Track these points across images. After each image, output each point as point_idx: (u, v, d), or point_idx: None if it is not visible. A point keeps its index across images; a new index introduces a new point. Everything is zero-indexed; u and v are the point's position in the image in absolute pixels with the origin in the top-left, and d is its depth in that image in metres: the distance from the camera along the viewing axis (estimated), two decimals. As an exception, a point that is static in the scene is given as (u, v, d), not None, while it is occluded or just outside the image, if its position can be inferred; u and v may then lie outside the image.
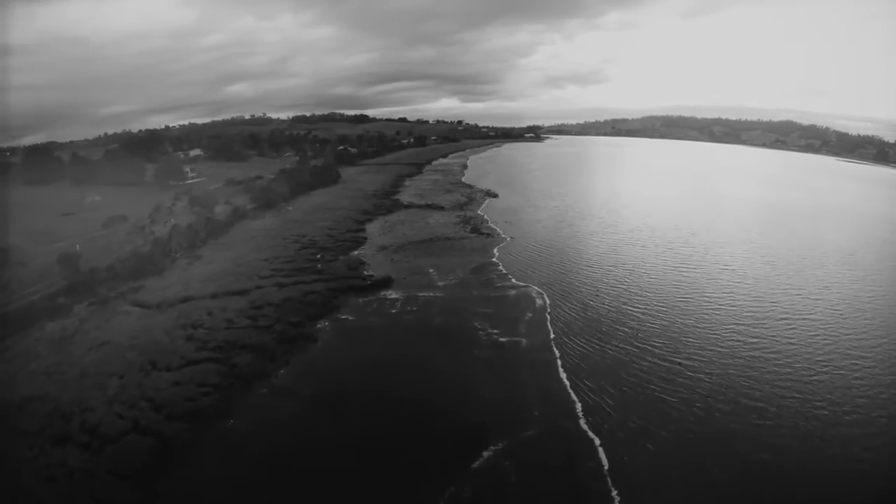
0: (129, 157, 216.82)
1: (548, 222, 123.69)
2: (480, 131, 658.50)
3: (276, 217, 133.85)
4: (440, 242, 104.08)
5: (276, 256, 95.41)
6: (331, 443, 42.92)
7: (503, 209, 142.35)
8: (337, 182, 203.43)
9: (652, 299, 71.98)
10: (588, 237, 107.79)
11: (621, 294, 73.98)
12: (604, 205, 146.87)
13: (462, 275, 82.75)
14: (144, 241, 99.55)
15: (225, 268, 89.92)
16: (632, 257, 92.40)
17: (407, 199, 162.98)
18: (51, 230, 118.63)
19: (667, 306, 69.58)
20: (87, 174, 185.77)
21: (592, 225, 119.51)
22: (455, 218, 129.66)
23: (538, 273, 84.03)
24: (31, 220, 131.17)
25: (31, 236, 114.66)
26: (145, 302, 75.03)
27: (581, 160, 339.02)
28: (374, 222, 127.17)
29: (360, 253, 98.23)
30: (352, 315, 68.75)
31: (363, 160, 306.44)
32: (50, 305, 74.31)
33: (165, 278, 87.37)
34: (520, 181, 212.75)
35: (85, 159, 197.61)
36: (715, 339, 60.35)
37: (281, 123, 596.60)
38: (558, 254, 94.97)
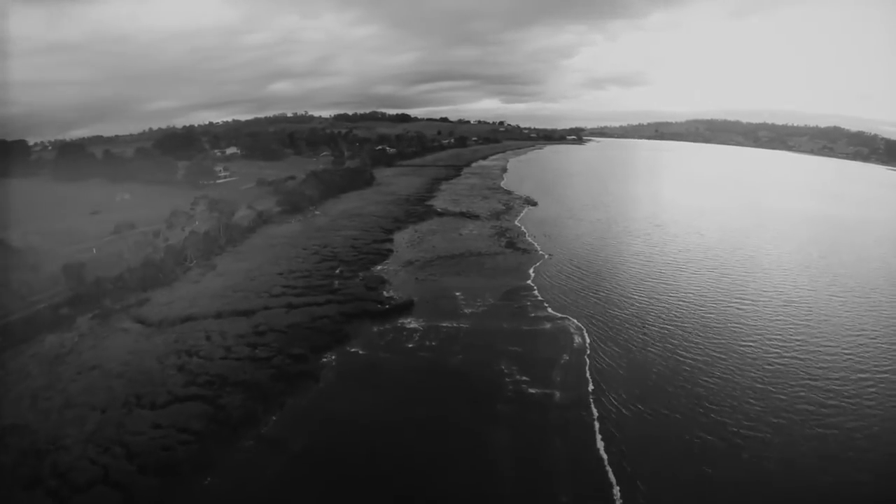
0: (161, 155, 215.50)
1: (589, 238, 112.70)
2: (522, 133, 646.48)
3: (301, 223, 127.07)
4: (472, 258, 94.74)
5: (292, 270, 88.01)
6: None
7: (542, 220, 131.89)
8: (370, 184, 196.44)
9: (709, 343, 60.63)
10: (633, 259, 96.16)
11: (672, 335, 62.77)
12: (650, 219, 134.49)
13: (492, 300, 73.15)
14: (155, 249, 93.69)
15: (236, 282, 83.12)
16: (683, 286, 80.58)
17: (441, 205, 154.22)
18: (74, 230, 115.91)
19: (726, 353, 58.33)
20: (120, 172, 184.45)
21: (638, 243, 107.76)
22: (490, 229, 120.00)
23: (577, 302, 73.65)
24: (57, 219, 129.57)
25: (52, 236, 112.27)
26: (147, 318, 69.56)
27: (624, 166, 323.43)
28: (404, 231, 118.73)
29: (382, 268, 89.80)
30: (362, 348, 60.22)
31: (401, 161, 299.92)
32: (53, 316, 70.62)
33: (174, 290, 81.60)
34: (560, 188, 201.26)
35: (118, 157, 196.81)
36: (803, 407, 49.06)
37: (322, 122, 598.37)
38: (600, 278, 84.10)
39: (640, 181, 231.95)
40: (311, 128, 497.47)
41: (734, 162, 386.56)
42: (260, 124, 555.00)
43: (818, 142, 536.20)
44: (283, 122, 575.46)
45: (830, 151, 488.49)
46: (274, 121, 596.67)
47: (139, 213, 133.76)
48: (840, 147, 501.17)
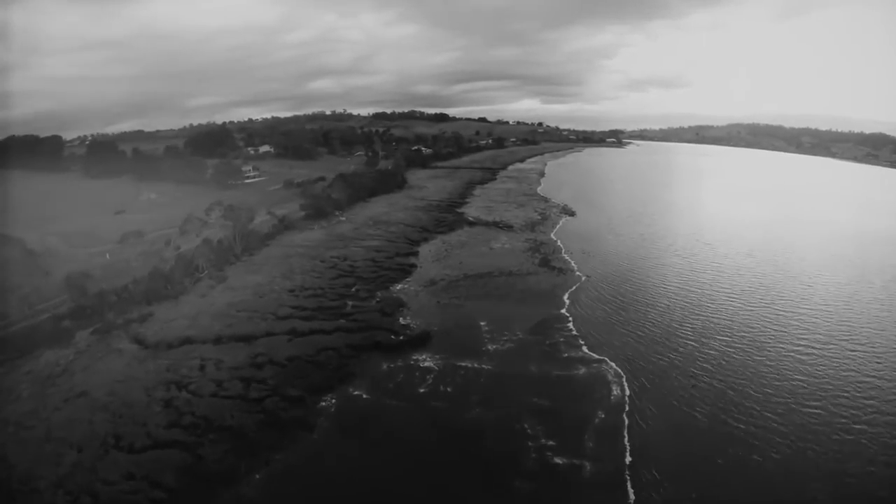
0: (191, 153, 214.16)
1: (630, 257, 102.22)
2: (561, 134, 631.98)
3: (324, 229, 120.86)
4: (501, 279, 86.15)
5: (304, 287, 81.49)
6: None
7: (580, 233, 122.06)
8: (402, 188, 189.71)
9: (765, 405, 50.52)
10: (679, 285, 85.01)
11: (723, 393, 52.49)
12: (696, 235, 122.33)
13: (521, 334, 64.56)
14: (161, 260, 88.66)
15: (243, 298, 77.23)
16: (735, 324, 69.38)
17: (473, 212, 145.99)
18: (94, 232, 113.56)
19: (784, 418, 48.49)
20: (149, 170, 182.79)
21: (684, 266, 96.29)
22: (524, 242, 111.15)
23: (616, 339, 64.18)
24: (79, 218, 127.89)
25: (71, 238, 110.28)
26: (145, 338, 64.72)
27: (667, 171, 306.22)
28: (430, 243, 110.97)
29: (402, 288, 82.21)
30: (367, 390, 52.66)
31: (436, 162, 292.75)
32: (54, 329, 67.96)
33: (179, 305, 76.57)
34: (600, 195, 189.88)
35: (147, 155, 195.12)
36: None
37: (361, 120, 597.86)
38: (642, 309, 74.21)
39: (683, 190, 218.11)
40: (348, 126, 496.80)
41: (778, 168, 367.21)
42: (298, 122, 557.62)
43: (862, 149, 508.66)
44: (322, 120, 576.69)
45: (875, 159, 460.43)
46: (312, 118, 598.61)
47: (162, 215, 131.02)
48: (885, 155, 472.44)
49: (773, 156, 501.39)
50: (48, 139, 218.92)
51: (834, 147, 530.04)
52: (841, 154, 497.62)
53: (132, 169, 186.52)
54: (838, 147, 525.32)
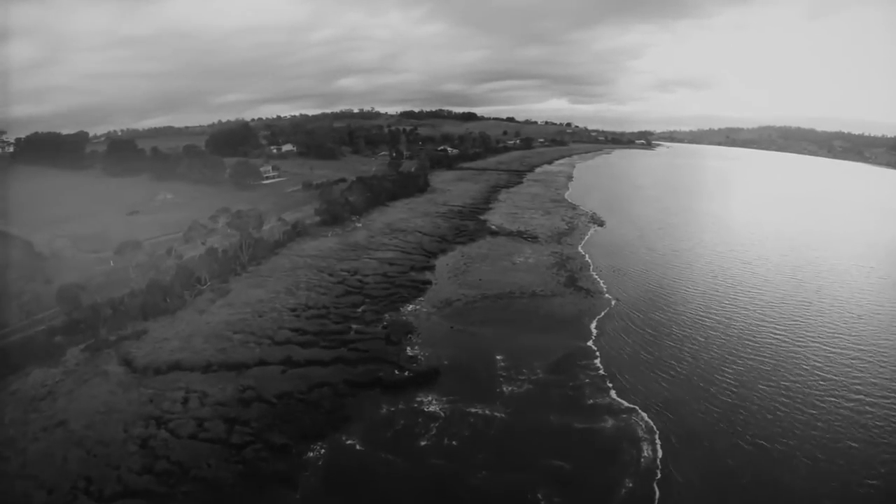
0: (211, 152, 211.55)
1: (664, 277, 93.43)
2: (589, 135, 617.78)
3: (337, 237, 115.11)
4: (523, 301, 78.84)
5: (308, 305, 75.60)
6: None
7: (610, 247, 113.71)
8: (424, 191, 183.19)
9: (831, 469, 42.74)
10: (720, 315, 75.81)
11: (776, 452, 44.94)
12: (735, 252, 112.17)
13: (541, 372, 57.36)
14: (160, 271, 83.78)
15: (242, 317, 71.85)
16: (786, 363, 61.14)
17: (496, 220, 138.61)
18: (103, 234, 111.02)
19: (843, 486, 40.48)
20: (167, 169, 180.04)
21: (723, 289, 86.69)
22: (549, 256, 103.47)
23: (649, 381, 56.46)
24: (92, 219, 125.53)
25: (80, 241, 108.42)
26: (134, 360, 60.56)
27: (699, 177, 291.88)
28: (449, 255, 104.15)
29: (413, 309, 75.56)
30: (362, 440, 46.24)
31: (462, 163, 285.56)
32: (47, 343, 64.28)
33: (175, 322, 72.20)
34: (630, 203, 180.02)
35: (165, 154, 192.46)
36: None
37: (389, 118, 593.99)
38: (678, 343, 65.93)
39: (716, 197, 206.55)
40: (375, 124, 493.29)
41: (812, 173, 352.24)
42: (326, 119, 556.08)
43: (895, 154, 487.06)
44: (349, 118, 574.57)
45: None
46: (340, 116, 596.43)
47: (174, 216, 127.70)
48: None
49: (806, 160, 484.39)
50: (70, 137, 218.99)
51: (867, 151, 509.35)
52: (874, 159, 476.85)
53: (151, 168, 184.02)
54: (871, 152, 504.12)
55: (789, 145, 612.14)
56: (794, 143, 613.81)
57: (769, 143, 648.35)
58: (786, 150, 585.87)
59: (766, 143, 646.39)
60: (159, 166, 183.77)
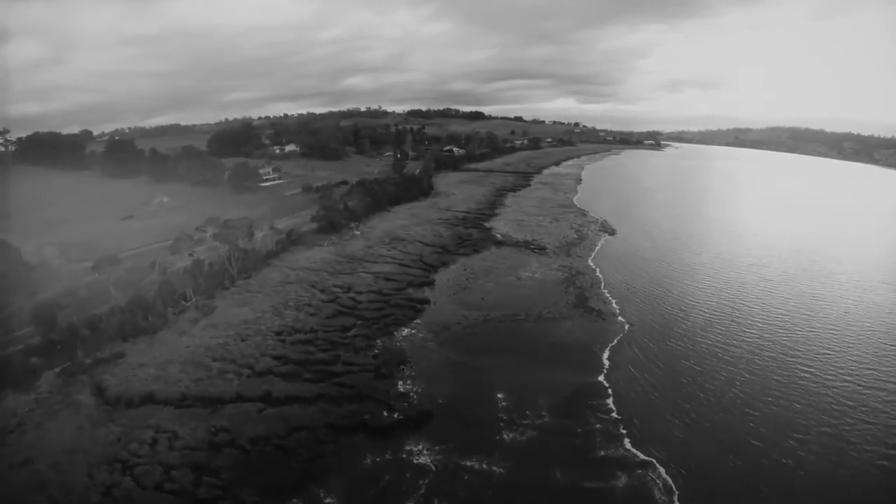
0: (210, 154, 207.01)
1: (682, 297, 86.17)
2: (598, 135, 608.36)
3: (334, 246, 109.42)
4: (529, 325, 72.54)
5: (294, 328, 69.98)
6: None
7: (622, 259, 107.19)
8: (427, 195, 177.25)
9: None
10: (745, 345, 68.73)
11: None
12: (756, 268, 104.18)
13: (547, 415, 51.20)
14: (141, 288, 78.58)
15: (223, 341, 66.69)
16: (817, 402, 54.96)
17: (502, 228, 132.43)
18: (94, 240, 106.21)
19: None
20: (165, 171, 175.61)
21: (748, 311, 79.63)
22: (558, 271, 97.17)
23: (667, 426, 50.21)
24: (85, 224, 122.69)
25: (70, 249, 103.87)
26: (107, 388, 56.03)
27: (710, 180, 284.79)
28: (450, 269, 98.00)
29: (409, 334, 69.58)
30: (341, 498, 40.56)
31: (468, 164, 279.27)
32: (23, 365, 60.90)
33: (155, 344, 67.16)
34: (642, 209, 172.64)
35: (164, 155, 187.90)
36: None
37: (396, 117, 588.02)
38: (699, 379, 59.24)
39: (730, 203, 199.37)
40: (383, 123, 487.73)
41: (825, 176, 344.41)
42: (333, 118, 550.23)
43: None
44: (356, 117, 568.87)
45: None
46: (347, 115, 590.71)
47: (169, 222, 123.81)
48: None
49: (816, 161, 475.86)
50: (69, 137, 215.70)
51: (877, 153, 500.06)
52: (884, 161, 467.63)
53: (149, 169, 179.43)
54: (881, 153, 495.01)
55: (798, 146, 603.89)
56: (803, 144, 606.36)
57: (778, 143, 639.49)
58: (795, 151, 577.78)
59: (774, 144, 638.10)
60: (158, 168, 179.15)
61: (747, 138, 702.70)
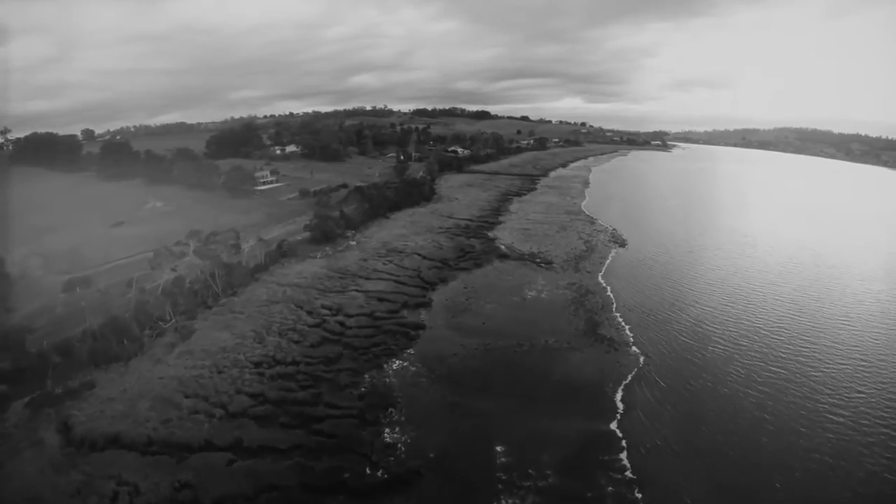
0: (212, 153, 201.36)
1: (701, 322, 78.75)
2: (604, 135, 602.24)
3: (327, 258, 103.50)
4: (533, 358, 65.80)
5: (275, 358, 64.00)
6: None
7: (634, 276, 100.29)
8: (429, 200, 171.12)
9: None
10: (773, 376, 63.09)
11: None
12: (779, 287, 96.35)
13: (551, 475, 44.73)
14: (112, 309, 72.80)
15: (198, 372, 61.32)
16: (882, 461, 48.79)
17: (506, 238, 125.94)
18: (80, 251, 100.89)
19: None
20: (160, 173, 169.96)
21: (774, 341, 72.81)
22: (566, 289, 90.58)
23: (692, 490, 43.82)
24: (74, 230, 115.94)
25: (55, 259, 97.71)
26: (73, 427, 51.19)
27: (722, 184, 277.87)
28: (449, 286, 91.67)
29: (400, 367, 63.27)
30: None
31: (473, 165, 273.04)
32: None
33: (127, 374, 61.57)
34: (653, 217, 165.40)
35: (159, 157, 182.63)
36: None
37: (401, 116, 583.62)
38: (725, 424, 52.78)
39: (744, 209, 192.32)
40: (388, 122, 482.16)
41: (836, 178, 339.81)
42: (338, 117, 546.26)
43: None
44: (362, 116, 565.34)
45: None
46: (352, 114, 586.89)
47: (160, 228, 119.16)
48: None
49: (825, 163, 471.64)
50: (66, 138, 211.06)
51: (884, 155, 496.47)
52: (892, 163, 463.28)
53: (144, 171, 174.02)
54: (889, 155, 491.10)
55: (806, 147, 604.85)
56: (810, 145, 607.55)
57: (785, 144, 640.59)
58: (802, 153, 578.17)
59: (782, 145, 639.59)
60: (153, 169, 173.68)
61: (754, 139, 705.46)
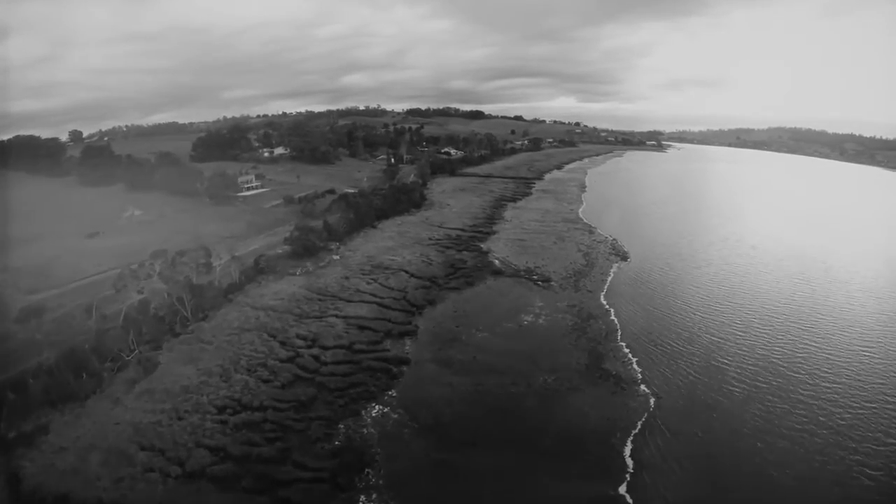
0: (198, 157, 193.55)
1: (714, 351, 71.35)
2: (599, 135, 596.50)
3: (307, 275, 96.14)
4: (529, 403, 57.95)
5: (241, 402, 56.71)
6: None
7: (639, 296, 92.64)
8: (420, 207, 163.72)
9: None
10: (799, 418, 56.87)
11: None
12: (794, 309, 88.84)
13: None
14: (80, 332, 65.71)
15: (157, 418, 55.33)
16: None
17: (501, 251, 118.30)
18: (50, 266, 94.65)
19: None
20: (141, 178, 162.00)
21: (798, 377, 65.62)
22: (566, 313, 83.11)
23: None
24: (48, 243, 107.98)
25: (22, 275, 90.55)
26: (22, 480, 45.93)
27: (720, 185, 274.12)
28: (437, 310, 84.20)
29: (379, 414, 55.63)
30: None
31: (466, 167, 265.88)
32: None
33: (84, 414, 55.36)
34: (654, 225, 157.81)
35: (141, 161, 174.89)
36: None
37: (395, 116, 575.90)
38: (747, 487, 46.27)
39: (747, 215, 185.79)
40: (382, 122, 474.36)
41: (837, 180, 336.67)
42: (331, 116, 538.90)
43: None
44: (355, 115, 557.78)
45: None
46: (345, 113, 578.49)
47: (137, 240, 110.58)
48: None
49: (823, 164, 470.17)
50: (47, 141, 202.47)
51: (879, 155, 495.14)
52: (886, 163, 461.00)
53: (126, 176, 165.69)
54: (883, 155, 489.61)
55: (800, 147, 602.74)
56: (804, 145, 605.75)
57: (780, 144, 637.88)
58: (796, 153, 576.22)
59: (776, 145, 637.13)
60: (135, 175, 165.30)
61: (748, 139, 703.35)
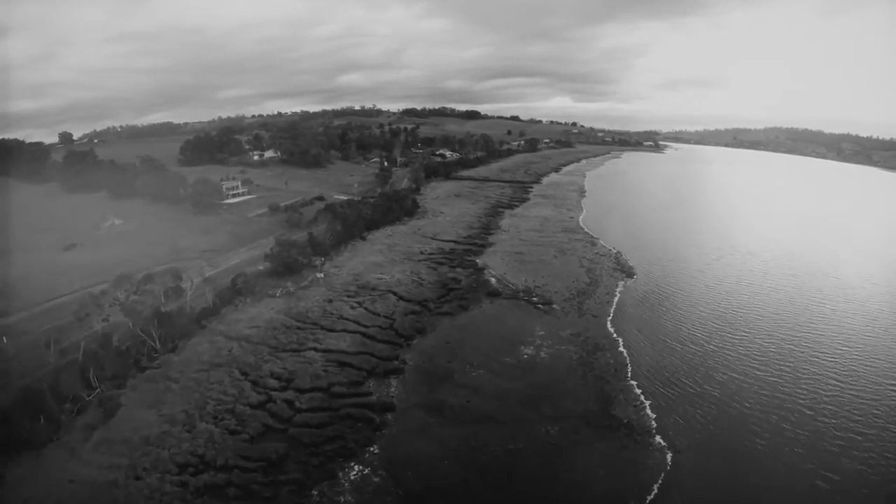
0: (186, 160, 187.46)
1: (735, 393, 63.72)
2: (596, 136, 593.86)
3: (286, 298, 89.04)
4: (530, 462, 50.90)
5: (205, 459, 49.92)
6: None
7: (649, 322, 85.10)
8: (412, 214, 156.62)
9: None
10: (849, 471, 50.45)
11: None
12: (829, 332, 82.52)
13: None
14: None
15: (113, 476, 48.56)
16: None
17: (498, 267, 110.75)
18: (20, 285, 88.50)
19: None
20: (124, 185, 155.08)
21: (833, 422, 59.64)
22: (569, 344, 75.70)
23: None
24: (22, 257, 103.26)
25: None
26: None
27: (721, 188, 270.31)
28: (427, 340, 76.50)
29: (358, 479, 47.91)
30: None
31: (461, 170, 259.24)
32: None
33: (39, 466, 49.08)
34: (658, 235, 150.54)
35: (124, 167, 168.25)
36: None
37: (390, 116, 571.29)
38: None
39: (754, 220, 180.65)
40: (377, 122, 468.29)
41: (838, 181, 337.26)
42: (327, 117, 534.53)
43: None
44: (351, 116, 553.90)
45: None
46: (341, 114, 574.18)
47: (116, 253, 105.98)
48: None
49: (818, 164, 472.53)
50: (31, 146, 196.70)
51: (875, 155, 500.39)
52: (883, 163, 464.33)
53: (108, 183, 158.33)
54: (880, 155, 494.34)
55: (797, 147, 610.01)
56: (801, 146, 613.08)
57: (777, 144, 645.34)
58: (794, 153, 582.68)
59: (773, 145, 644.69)
60: (117, 181, 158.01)
61: (746, 139, 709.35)
